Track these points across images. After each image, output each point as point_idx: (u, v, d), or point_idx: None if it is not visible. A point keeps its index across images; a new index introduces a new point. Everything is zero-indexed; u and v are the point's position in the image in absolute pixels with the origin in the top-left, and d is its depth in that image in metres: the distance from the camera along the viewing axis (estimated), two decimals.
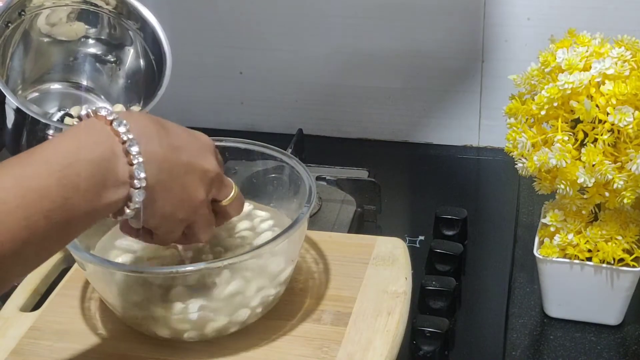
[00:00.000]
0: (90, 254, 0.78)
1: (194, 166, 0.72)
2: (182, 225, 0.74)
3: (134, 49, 1.03)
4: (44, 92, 1.03)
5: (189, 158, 0.71)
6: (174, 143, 0.70)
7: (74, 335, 0.81)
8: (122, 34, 1.02)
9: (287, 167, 0.88)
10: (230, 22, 1.29)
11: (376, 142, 1.32)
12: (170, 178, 0.70)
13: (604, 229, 0.88)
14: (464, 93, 1.26)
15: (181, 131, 0.73)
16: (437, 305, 0.91)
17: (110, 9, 1.01)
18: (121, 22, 1.01)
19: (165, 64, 0.99)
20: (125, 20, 1.01)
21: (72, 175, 0.63)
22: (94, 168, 0.64)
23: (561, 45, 0.87)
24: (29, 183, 0.61)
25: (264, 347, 0.79)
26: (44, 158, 0.63)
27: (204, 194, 0.73)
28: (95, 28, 1.03)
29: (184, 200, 0.72)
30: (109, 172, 0.65)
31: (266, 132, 1.35)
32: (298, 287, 0.86)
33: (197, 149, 0.73)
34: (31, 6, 0.96)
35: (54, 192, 0.62)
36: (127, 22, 1.01)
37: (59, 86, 1.04)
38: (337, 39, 1.27)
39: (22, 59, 1.00)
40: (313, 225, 1.02)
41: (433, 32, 1.23)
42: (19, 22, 0.96)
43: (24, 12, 0.96)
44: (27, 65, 1.01)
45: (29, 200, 0.60)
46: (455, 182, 1.23)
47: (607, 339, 0.91)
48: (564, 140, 0.84)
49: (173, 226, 0.73)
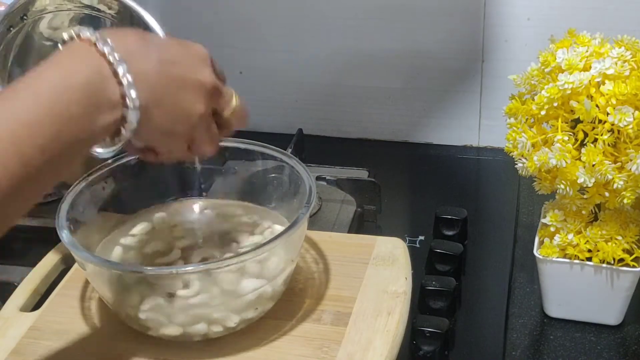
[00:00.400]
0: (90, 254, 0.78)
1: (188, 79, 0.70)
2: (183, 140, 0.72)
3: None
4: None
5: (182, 71, 0.70)
6: (164, 57, 0.69)
7: (74, 335, 0.81)
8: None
9: (287, 167, 0.88)
10: (230, 22, 1.29)
11: (376, 142, 1.32)
12: (164, 94, 0.68)
13: (604, 229, 0.88)
14: (464, 93, 1.26)
15: (172, 44, 0.71)
16: (437, 305, 0.91)
17: (112, 14, 1.00)
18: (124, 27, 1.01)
19: None
20: (128, 25, 1.01)
21: (62, 104, 0.61)
22: (83, 93, 0.63)
23: (561, 45, 0.87)
24: (18, 117, 0.60)
25: (264, 347, 0.79)
26: (30, 90, 0.62)
27: (202, 107, 0.71)
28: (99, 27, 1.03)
29: (181, 115, 0.70)
30: (99, 96, 0.63)
31: (266, 132, 1.34)
32: (298, 287, 0.86)
33: (191, 61, 0.71)
34: (33, 10, 0.96)
35: (46, 124, 0.60)
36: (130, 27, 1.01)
37: None
38: (337, 39, 1.27)
39: (24, 64, 1.00)
40: (313, 225, 1.02)
41: (433, 33, 1.23)
42: (21, 26, 0.96)
43: (26, 16, 0.96)
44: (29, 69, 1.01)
45: (21, 135, 0.59)
46: (455, 182, 1.23)
47: (607, 339, 0.91)
48: (564, 140, 0.84)
49: (174, 142, 0.72)
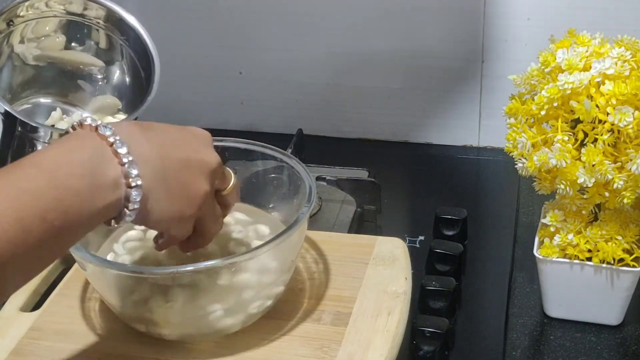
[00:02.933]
0: (90, 254, 0.78)
1: (192, 160, 0.71)
2: (191, 221, 0.73)
3: (122, 60, 1.03)
4: (33, 105, 1.03)
5: (184, 153, 0.71)
6: (164, 141, 0.70)
7: (73, 335, 0.81)
8: (110, 45, 1.02)
9: (287, 167, 0.88)
10: (230, 21, 1.29)
11: (376, 142, 1.32)
12: (167, 176, 0.69)
13: (604, 229, 0.88)
14: (464, 93, 1.26)
15: (172, 129, 0.72)
16: (437, 305, 0.91)
17: (99, 21, 1.00)
18: (108, 33, 1.01)
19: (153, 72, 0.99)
20: (113, 30, 1.01)
21: (63, 176, 0.62)
22: (85, 168, 0.64)
23: (561, 45, 0.87)
24: (19, 185, 0.60)
25: (264, 347, 0.79)
26: (33, 162, 0.63)
27: (207, 186, 0.72)
28: (82, 40, 1.02)
29: (188, 196, 0.71)
30: (100, 172, 0.64)
31: (266, 132, 1.35)
32: (298, 287, 0.86)
33: (193, 143, 0.72)
34: (20, 16, 0.95)
35: (46, 192, 0.61)
36: (115, 32, 1.01)
37: (47, 100, 1.04)
38: (337, 39, 1.27)
39: (9, 71, 1.00)
40: (313, 225, 1.02)
41: (433, 32, 1.23)
42: (7, 33, 0.96)
43: (13, 22, 0.95)
44: (14, 77, 1.01)
45: (21, 201, 0.60)
46: (455, 182, 1.23)
47: (607, 339, 0.91)
48: (564, 140, 0.84)
49: (183, 224, 0.72)
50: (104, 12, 1.00)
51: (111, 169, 0.65)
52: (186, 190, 0.71)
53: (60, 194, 0.62)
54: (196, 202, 0.72)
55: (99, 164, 0.65)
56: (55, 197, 0.61)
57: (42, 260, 0.63)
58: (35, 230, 0.60)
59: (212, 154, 0.73)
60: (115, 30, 1.01)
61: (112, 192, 0.65)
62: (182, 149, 0.71)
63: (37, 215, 0.60)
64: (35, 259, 0.62)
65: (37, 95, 1.03)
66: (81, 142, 0.66)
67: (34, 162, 0.63)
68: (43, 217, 0.60)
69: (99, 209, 0.65)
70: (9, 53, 0.99)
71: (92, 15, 1.00)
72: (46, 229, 0.61)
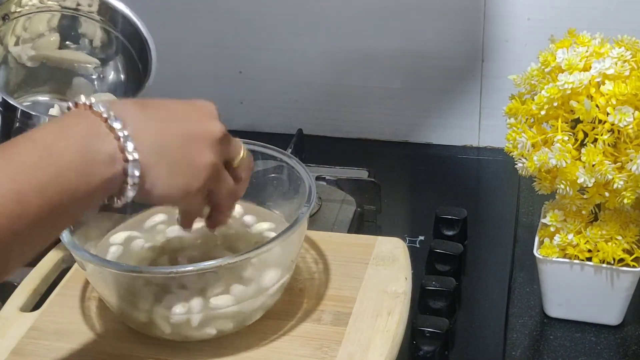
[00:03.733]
0: (90, 254, 0.78)
1: (194, 132, 0.70)
2: (200, 195, 0.72)
3: (118, 56, 1.03)
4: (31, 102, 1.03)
5: (185, 126, 0.70)
6: (163, 116, 0.69)
7: (73, 335, 0.81)
8: (105, 40, 1.02)
9: (287, 167, 0.88)
10: (229, 21, 1.29)
11: (376, 142, 1.32)
12: (168, 151, 0.68)
13: (604, 229, 0.88)
14: (464, 93, 1.26)
15: (173, 104, 0.71)
16: (437, 305, 0.91)
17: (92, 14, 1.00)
18: (103, 26, 1.01)
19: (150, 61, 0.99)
20: (107, 23, 1.00)
21: (59, 151, 0.62)
22: (80, 143, 0.63)
23: (561, 45, 0.87)
24: (16, 158, 0.61)
25: (264, 347, 0.79)
26: (29, 138, 0.63)
27: (212, 157, 0.70)
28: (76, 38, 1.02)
29: (193, 170, 0.69)
30: (96, 148, 0.64)
31: (266, 132, 1.35)
32: (298, 287, 0.86)
33: (194, 115, 0.71)
34: (14, 12, 0.95)
35: (43, 166, 0.61)
36: (109, 25, 1.01)
37: (45, 98, 1.04)
38: (337, 38, 1.27)
39: (5, 72, 1.00)
40: (313, 225, 1.02)
41: (433, 32, 1.23)
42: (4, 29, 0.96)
43: (8, 16, 0.95)
44: (10, 78, 1.01)
45: (18, 175, 0.60)
46: (455, 182, 1.23)
47: (607, 339, 0.91)
48: (564, 140, 0.84)
49: (192, 199, 0.71)
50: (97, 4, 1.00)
51: (107, 144, 0.65)
52: (190, 163, 0.69)
53: (56, 167, 0.62)
54: (202, 175, 0.70)
55: (94, 140, 0.64)
56: (51, 171, 0.61)
57: (41, 237, 0.63)
58: (34, 204, 0.60)
59: (217, 124, 0.71)
60: (110, 22, 1.01)
61: (108, 167, 0.65)
62: (182, 122, 0.70)
63: (35, 189, 0.60)
64: (34, 236, 0.62)
65: (34, 94, 1.03)
66: (76, 119, 0.66)
67: (31, 137, 0.63)
68: (40, 192, 0.60)
69: (97, 184, 0.64)
70: (4, 54, 0.99)
71: (85, 10, 1.00)
72: (44, 204, 0.61)
